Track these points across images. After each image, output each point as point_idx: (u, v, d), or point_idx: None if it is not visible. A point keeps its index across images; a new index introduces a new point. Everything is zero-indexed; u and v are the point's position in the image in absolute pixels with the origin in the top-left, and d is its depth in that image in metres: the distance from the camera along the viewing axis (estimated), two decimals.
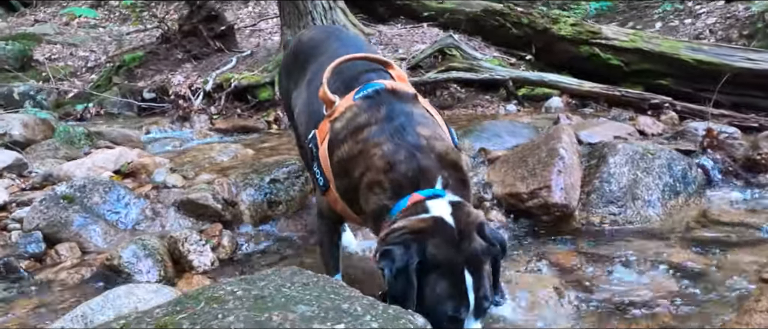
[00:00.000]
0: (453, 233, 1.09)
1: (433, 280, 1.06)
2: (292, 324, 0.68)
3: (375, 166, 1.22)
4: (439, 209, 1.13)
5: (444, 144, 1.28)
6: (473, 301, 1.06)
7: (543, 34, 4.62)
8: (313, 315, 0.72)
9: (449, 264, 1.07)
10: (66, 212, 1.81)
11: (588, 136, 2.63)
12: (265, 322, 0.68)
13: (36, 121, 3.20)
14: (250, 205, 2.12)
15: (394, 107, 1.29)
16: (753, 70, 3.17)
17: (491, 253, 1.13)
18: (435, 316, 1.02)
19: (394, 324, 0.73)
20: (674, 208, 2.00)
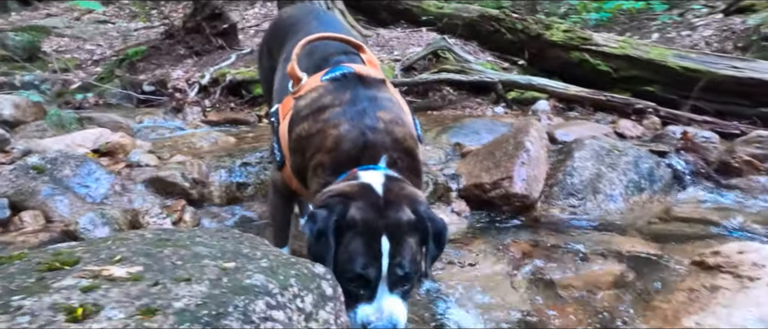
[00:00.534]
0: (378, 200, 1.08)
1: (348, 239, 1.04)
2: (182, 258, 0.70)
3: (324, 147, 1.22)
4: (370, 178, 1.12)
5: (403, 130, 1.26)
6: (386, 267, 1.02)
7: (536, 40, 4.65)
8: (209, 254, 0.75)
9: (367, 226, 1.05)
10: (34, 182, 1.85)
11: (564, 135, 2.64)
12: (154, 254, 0.70)
13: (27, 103, 3.27)
14: (220, 186, 2.15)
15: (359, 92, 1.28)
16: (737, 78, 3.16)
17: (419, 229, 1.10)
18: (343, 275, 1.00)
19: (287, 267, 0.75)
20: (637, 204, 1.99)
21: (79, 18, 9.63)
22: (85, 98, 5.41)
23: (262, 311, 0.60)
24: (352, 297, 1.03)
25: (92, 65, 7.45)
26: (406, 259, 1.05)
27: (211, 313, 0.55)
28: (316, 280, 0.75)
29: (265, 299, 0.62)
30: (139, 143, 2.63)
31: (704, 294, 0.99)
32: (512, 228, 1.87)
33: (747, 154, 2.41)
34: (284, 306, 0.64)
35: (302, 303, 0.68)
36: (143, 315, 0.52)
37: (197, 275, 0.64)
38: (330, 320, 0.72)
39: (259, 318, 0.59)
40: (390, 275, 1.04)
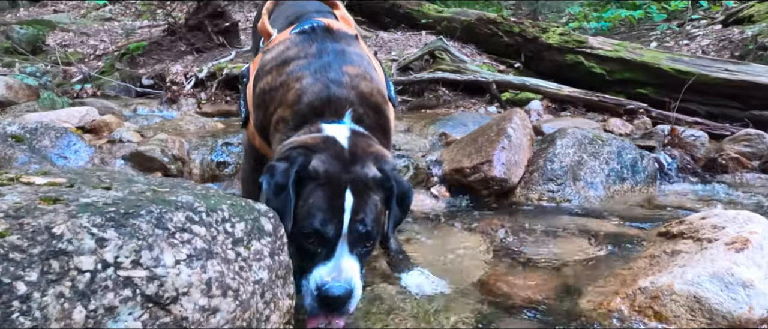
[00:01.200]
0: (343, 153, 1.02)
1: (309, 191, 0.97)
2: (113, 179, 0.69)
3: (286, 101, 1.15)
4: (334, 131, 1.06)
5: (371, 85, 1.19)
6: (347, 223, 0.95)
7: (532, 43, 4.66)
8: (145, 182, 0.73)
9: (329, 179, 0.98)
10: (12, 149, 1.85)
11: (550, 128, 2.63)
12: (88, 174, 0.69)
13: (20, 85, 3.30)
14: (200, 163, 2.14)
15: (327, 45, 1.22)
16: (729, 81, 3.14)
17: (384, 187, 1.04)
18: (301, 231, 0.94)
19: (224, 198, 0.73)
20: (618, 192, 1.97)
21: (86, 15, 9.77)
22: (83, 88, 5.44)
23: (180, 222, 0.58)
24: (309, 258, 0.96)
25: (94, 60, 7.52)
26: (369, 217, 0.99)
27: (120, 211, 0.54)
28: (254, 212, 0.74)
29: (186, 213, 0.60)
30: (126, 124, 2.64)
31: (664, 258, 0.96)
32: (489, 211, 1.85)
33: (735, 151, 2.39)
34: (209, 225, 0.62)
35: (232, 227, 0.66)
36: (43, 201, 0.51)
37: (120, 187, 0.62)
38: (263, 252, 0.70)
39: (176, 226, 0.57)
40: (351, 232, 0.96)
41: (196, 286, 0.56)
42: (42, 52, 7.60)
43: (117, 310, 0.49)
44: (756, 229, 0.91)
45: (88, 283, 0.48)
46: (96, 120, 2.44)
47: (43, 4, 10.50)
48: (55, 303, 0.45)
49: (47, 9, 10.03)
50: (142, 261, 0.53)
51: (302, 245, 0.96)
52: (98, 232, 0.50)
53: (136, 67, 6.24)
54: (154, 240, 0.54)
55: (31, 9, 10.35)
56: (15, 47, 7.45)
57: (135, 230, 0.53)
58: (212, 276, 0.58)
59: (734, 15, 5.55)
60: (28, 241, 0.46)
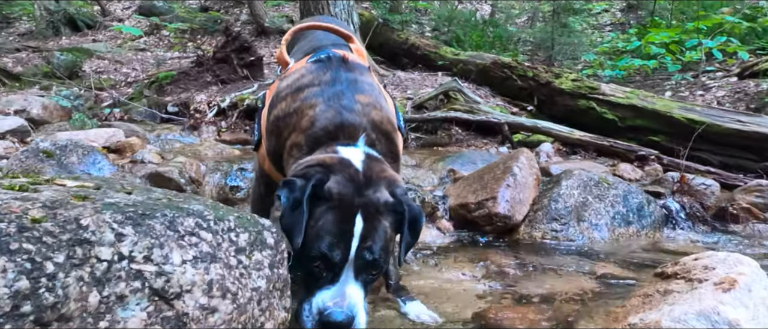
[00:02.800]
0: (358, 176, 1.03)
1: (320, 213, 0.98)
2: (134, 187, 0.77)
3: (300, 126, 1.18)
4: (349, 154, 1.07)
5: (381, 114, 1.22)
6: (355, 249, 0.95)
7: (545, 87, 4.75)
8: (162, 193, 0.80)
9: (342, 201, 0.99)
10: (42, 164, 1.98)
11: (558, 169, 2.66)
12: (113, 182, 0.77)
13: (55, 106, 3.51)
14: (214, 186, 2.23)
15: (340, 74, 1.25)
16: (742, 132, 3.14)
17: (396, 211, 1.04)
18: (308, 252, 0.94)
19: (231, 211, 0.80)
20: (623, 235, 1.96)
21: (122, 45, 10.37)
22: (111, 113, 5.72)
23: (189, 226, 0.65)
24: (313, 281, 0.96)
25: (125, 86, 7.92)
26: (377, 244, 0.98)
27: (138, 212, 0.60)
28: (258, 226, 0.80)
29: (196, 219, 0.67)
30: (149, 146, 2.77)
31: (656, 297, 0.97)
32: (492, 247, 1.86)
33: (746, 202, 2.36)
34: (216, 232, 0.68)
35: (236, 237, 0.72)
36: (75, 198, 0.58)
37: (140, 193, 0.69)
38: (264, 263, 0.75)
39: (186, 230, 0.64)
40: (358, 259, 0.96)
41: (199, 285, 0.61)
42: (78, 77, 8.06)
43: (127, 299, 0.54)
44: (744, 271, 0.92)
45: (105, 271, 0.54)
46: (121, 141, 2.58)
47: (84, 34, 11.19)
48: (76, 284, 0.51)
49: (87, 38, 10.69)
50: (153, 257, 0.59)
51: (308, 268, 0.97)
52: (118, 228, 0.57)
53: (164, 95, 6.55)
54: (165, 240, 0.60)
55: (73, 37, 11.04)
56: (54, 72, 7.93)
57: (149, 229, 0.60)
58: (214, 278, 0.63)
59: (749, 68, 5.58)
60: (59, 228, 0.52)
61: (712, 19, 5.79)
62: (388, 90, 1.63)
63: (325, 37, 1.58)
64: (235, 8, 12.22)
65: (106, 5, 13.08)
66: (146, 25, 11.70)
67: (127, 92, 7.53)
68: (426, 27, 10.14)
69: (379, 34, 7.24)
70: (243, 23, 11.12)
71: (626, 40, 8.48)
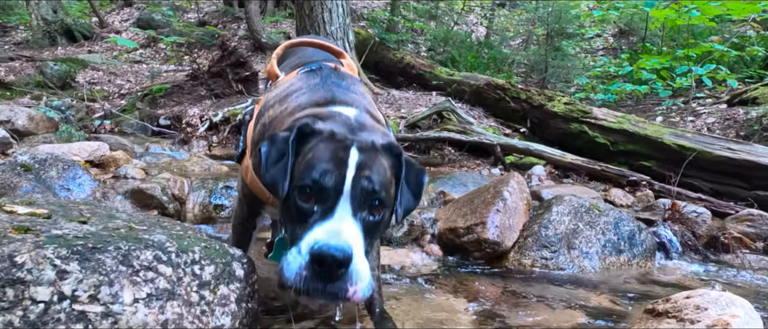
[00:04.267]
0: (350, 122, 0.94)
1: (311, 147, 0.87)
2: (94, 213, 0.72)
3: (287, 113, 1.09)
4: (342, 110, 0.99)
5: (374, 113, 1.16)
6: (351, 177, 0.82)
7: (538, 110, 4.78)
8: (125, 218, 0.76)
9: (334, 136, 0.89)
10: (18, 178, 1.91)
11: (549, 194, 2.63)
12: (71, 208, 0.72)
13: (42, 117, 3.45)
14: (198, 204, 2.17)
15: (330, 78, 1.20)
16: (732, 160, 3.15)
17: (392, 153, 0.94)
18: (297, 185, 0.82)
19: (198, 240, 0.75)
20: (614, 265, 1.92)
21: (117, 56, 10.36)
22: (102, 124, 5.66)
23: (147, 260, 0.60)
24: (303, 221, 0.81)
25: (118, 98, 7.88)
26: (376, 176, 0.85)
27: (88, 245, 0.56)
28: (226, 257, 0.75)
29: (155, 252, 0.62)
30: (134, 161, 2.71)
31: None
32: (480, 273, 1.81)
33: (738, 231, 2.34)
34: (177, 265, 0.64)
35: (200, 270, 0.67)
36: (14, 230, 0.53)
37: (97, 222, 0.65)
38: (230, 297, 0.70)
39: (142, 265, 0.59)
40: (354, 188, 0.83)
41: (151, 327, 0.56)
42: (71, 88, 8.01)
43: None
44: (738, 313, 0.88)
45: (40, 314, 0.49)
46: (105, 155, 2.52)
47: (80, 44, 11.18)
48: None
49: (83, 49, 10.67)
50: (99, 297, 0.54)
51: (297, 206, 0.83)
52: (61, 264, 0.52)
53: (156, 108, 6.51)
54: (116, 277, 0.56)
55: (69, 48, 11.02)
56: (46, 82, 7.87)
57: (99, 265, 0.55)
58: (170, 317, 0.59)
59: (739, 96, 5.66)
60: None
61: (701, 47, 5.88)
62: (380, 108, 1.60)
63: (316, 53, 1.56)
64: (232, 23, 12.30)
65: (104, 17, 13.12)
66: (143, 37, 11.73)
67: (119, 103, 7.48)
68: (422, 47, 10.24)
69: (375, 52, 7.30)
70: (240, 38, 11.17)
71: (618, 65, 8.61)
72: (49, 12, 11.57)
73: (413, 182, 0.97)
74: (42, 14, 11.50)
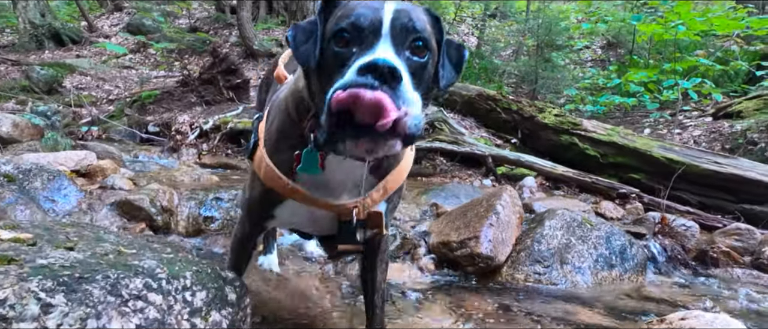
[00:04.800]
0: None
1: (341, 7, 0.83)
2: (81, 237, 0.69)
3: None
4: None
5: None
6: (390, 17, 0.77)
7: (529, 121, 4.81)
8: (114, 241, 0.73)
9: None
10: (1, 189, 1.86)
11: (541, 206, 2.64)
12: (57, 230, 0.69)
13: (27, 124, 3.38)
14: (187, 216, 2.13)
15: None
16: (719, 173, 3.20)
17: (432, 15, 0.89)
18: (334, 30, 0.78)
19: (190, 264, 0.73)
20: (606, 279, 1.92)
21: (106, 61, 10.23)
22: (89, 131, 5.57)
23: (136, 289, 0.58)
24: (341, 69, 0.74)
25: (106, 103, 7.77)
26: (416, 18, 0.80)
27: (74, 275, 0.53)
28: (218, 281, 0.73)
29: (145, 279, 0.60)
30: (122, 170, 2.66)
31: None
32: (473, 288, 1.80)
33: (726, 245, 2.37)
34: (167, 293, 0.61)
35: (191, 296, 0.65)
36: None
37: (84, 248, 0.62)
38: (222, 324, 0.68)
39: (131, 294, 0.57)
40: (394, 27, 0.76)
41: None
42: (57, 92, 7.88)
43: None
44: None
45: None
46: (92, 164, 2.47)
47: (68, 49, 11.02)
48: None
49: (71, 53, 10.53)
50: None
51: (334, 53, 0.78)
52: (46, 297, 0.50)
53: (145, 114, 6.43)
54: (103, 308, 0.53)
55: (56, 52, 10.86)
56: (32, 87, 7.73)
57: (86, 296, 0.53)
58: None
59: (724, 109, 5.77)
60: None
61: (687, 62, 6.01)
62: None
63: None
64: (224, 29, 12.25)
65: (93, 21, 12.97)
66: (133, 42, 11.60)
67: (107, 109, 7.38)
68: None
69: None
70: (232, 45, 11.12)
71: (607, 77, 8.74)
72: (36, 15, 11.40)
73: (454, 54, 0.91)
74: (29, 18, 11.33)
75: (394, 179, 1.08)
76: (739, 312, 1.73)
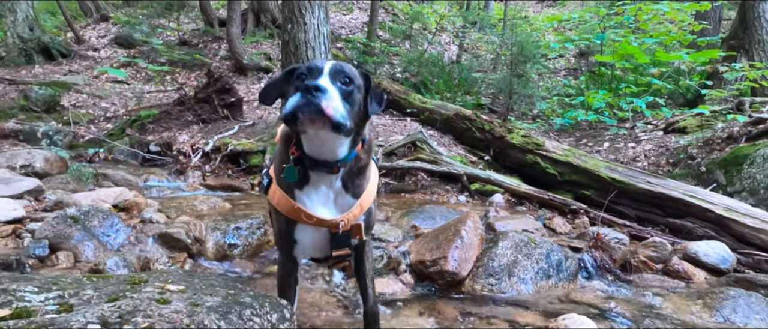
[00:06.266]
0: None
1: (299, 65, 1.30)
2: (205, 284, 1.22)
3: None
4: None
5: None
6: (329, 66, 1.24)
7: (499, 141, 5.42)
8: (220, 284, 1.26)
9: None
10: (70, 228, 2.34)
11: (502, 226, 3.22)
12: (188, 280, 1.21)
13: (55, 157, 3.82)
14: (215, 244, 2.65)
15: None
16: (650, 192, 3.84)
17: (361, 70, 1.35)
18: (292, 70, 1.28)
19: (265, 297, 1.26)
20: (544, 288, 2.51)
21: (98, 76, 10.49)
22: (96, 153, 5.99)
23: (247, 316, 1.10)
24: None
25: (104, 121, 8.13)
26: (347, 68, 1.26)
27: (224, 310, 1.05)
28: (281, 307, 1.26)
29: (249, 309, 1.13)
30: (150, 202, 3.15)
31: None
32: (442, 297, 2.37)
33: (644, 255, 2.99)
34: (261, 316, 1.14)
35: (271, 317, 1.18)
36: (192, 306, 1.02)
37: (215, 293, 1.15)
38: None
39: (246, 318, 1.09)
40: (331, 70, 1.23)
41: None
42: (55, 111, 8.20)
43: None
44: None
45: None
46: (128, 200, 2.95)
47: (58, 63, 11.20)
48: None
49: (62, 68, 10.73)
50: None
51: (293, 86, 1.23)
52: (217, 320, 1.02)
53: (146, 134, 6.85)
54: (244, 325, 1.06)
55: (46, 66, 11.03)
56: (31, 107, 8.04)
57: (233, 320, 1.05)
58: None
59: (672, 124, 6.50)
60: None
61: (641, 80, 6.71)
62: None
63: None
64: (213, 43, 12.59)
65: (80, 33, 13.13)
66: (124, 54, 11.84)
67: (106, 127, 7.75)
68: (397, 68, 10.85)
69: None
70: (221, 58, 11.50)
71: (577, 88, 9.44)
72: (25, 30, 11.55)
73: (378, 96, 1.34)
74: (18, 32, 11.47)
75: (367, 198, 1.47)
76: (637, 309, 2.34)
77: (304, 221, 1.38)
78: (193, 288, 1.16)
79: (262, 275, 2.51)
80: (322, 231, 1.41)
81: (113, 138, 6.58)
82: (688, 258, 2.96)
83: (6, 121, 7.34)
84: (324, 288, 2.38)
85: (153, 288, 1.11)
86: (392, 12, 14.53)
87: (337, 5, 14.67)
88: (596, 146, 6.69)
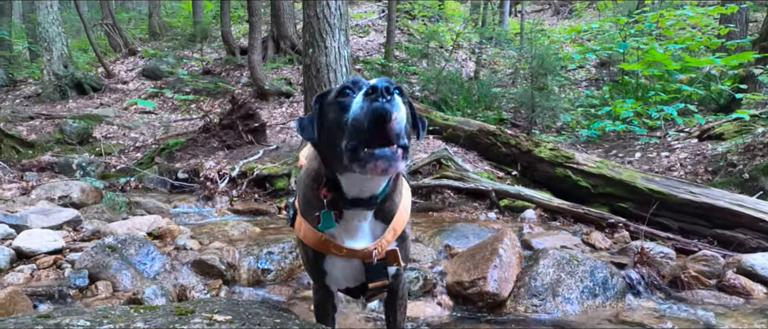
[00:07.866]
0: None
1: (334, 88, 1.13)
2: (250, 313, 1.18)
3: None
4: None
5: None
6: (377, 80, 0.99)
7: (527, 155, 5.31)
8: (265, 313, 1.22)
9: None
10: (108, 258, 2.36)
11: (539, 243, 3.11)
12: (234, 309, 1.18)
13: (90, 188, 3.92)
14: (248, 270, 2.62)
15: None
16: (693, 202, 3.66)
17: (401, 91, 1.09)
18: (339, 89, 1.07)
19: (306, 323, 1.22)
20: (591, 307, 2.38)
21: (127, 108, 10.89)
22: (127, 182, 6.13)
23: None
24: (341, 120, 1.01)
25: (134, 151, 8.38)
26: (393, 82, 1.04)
27: None
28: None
29: None
30: (182, 229, 3.17)
31: None
32: (483, 320, 2.27)
33: (695, 270, 2.82)
34: None
35: None
36: None
37: (262, 323, 1.11)
38: None
39: None
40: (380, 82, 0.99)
41: None
42: (88, 143, 8.50)
43: None
44: None
45: None
46: (162, 227, 2.98)
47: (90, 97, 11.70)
48: None
49: (94, 101, 11.20)
50: None
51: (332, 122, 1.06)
52: None
53: (173, 162, 7.00)
54: None
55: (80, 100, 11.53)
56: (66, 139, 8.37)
57: None
58: None
59: (707, 131, 6.25)
60: None
61: (669, 87, 6.51)
62: None
63: None
64: (235, 71, 12.95)
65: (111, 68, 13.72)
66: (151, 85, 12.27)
67: (135, 156, 7.97)
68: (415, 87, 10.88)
69: None
70: (243, 85, 11.79)
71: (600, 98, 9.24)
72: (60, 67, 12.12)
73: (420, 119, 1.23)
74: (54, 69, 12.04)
75: (399, 222, 1.33)
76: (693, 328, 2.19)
77: (333, 253, 1.28)
78: (240, 318, 1.13)
79: (298, 300, 2.47)
80: (355, 262, 1.30)
81: (143, 167, 6.76)
82: (743, 272, 2.78)
83: (43, 154, 7.65)
84: (359, 312, 2.32)
85: (201, 319, 1.08)
86: (408, 32, 14.71)
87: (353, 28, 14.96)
88: (627, 157, 6.48)
